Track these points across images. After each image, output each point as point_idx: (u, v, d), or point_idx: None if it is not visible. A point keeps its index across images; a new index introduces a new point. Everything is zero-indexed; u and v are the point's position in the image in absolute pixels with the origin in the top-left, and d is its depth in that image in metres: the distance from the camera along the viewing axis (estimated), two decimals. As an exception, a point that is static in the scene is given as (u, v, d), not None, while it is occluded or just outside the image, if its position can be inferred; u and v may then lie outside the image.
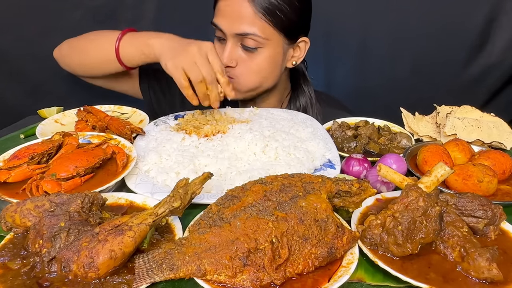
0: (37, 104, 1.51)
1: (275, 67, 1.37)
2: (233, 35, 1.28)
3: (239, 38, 1.28)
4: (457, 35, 1.99)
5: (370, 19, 2.02)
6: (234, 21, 1.26)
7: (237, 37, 1.29)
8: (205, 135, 1.14)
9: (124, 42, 1.30)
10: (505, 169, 1.05)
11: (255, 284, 0.65)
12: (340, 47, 2.09)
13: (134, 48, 1.28)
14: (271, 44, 1.31)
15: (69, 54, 1.46)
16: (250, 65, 1.32)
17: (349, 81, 2.18)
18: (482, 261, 0.69)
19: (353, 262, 0.71)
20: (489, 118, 1.32)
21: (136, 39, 1.29)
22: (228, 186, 0.92)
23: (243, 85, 1.36)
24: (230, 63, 1.31)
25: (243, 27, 1.26)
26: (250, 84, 1.37)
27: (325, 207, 0.73)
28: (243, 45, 1.30)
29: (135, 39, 1.29)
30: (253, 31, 1.26)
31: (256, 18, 1.25)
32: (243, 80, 1.35)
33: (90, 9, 1.89)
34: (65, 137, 1.05)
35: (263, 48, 1.30)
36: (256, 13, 1.24)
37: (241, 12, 1.25)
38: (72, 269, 0.65)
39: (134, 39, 1.29)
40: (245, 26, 1.25)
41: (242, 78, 1.34)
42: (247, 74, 1.34)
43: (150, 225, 0.71)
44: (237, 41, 1.30)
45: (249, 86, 1.37)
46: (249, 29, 1.26)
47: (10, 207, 0.77)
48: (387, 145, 1.23)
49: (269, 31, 1.28)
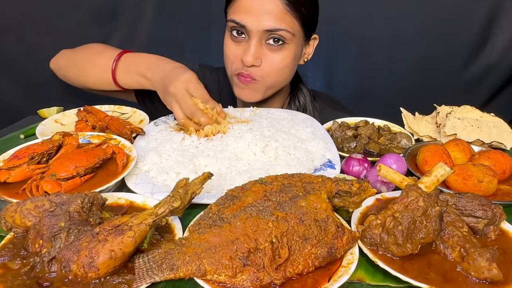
0: (37, 104, 1.51)
1: (295, 64, 1.38)
2: (260, 32, 1.25)
3: (266, 35, 1.26)
4: (457, 35, 1.99)
5: (371, 19, 2.02)
6: (262, 17, 1.24)
7: (263, 34, 1.26)
8: (205, 135, 1.14)
9: (121, 69, 1.32)
10: (505, 169, 1.05)
11: (255, 284, 0.65)
12: (340, 47, 2.09)
13: (132, 79, 1.31)
14: (295, 41, 1.30)
15: (66, 68, 1.46)
16: (275, 62, 1.31)
17: (350, 81, 2.19)
18: (482, 261, 0.69)
19: (353, 262, 0.71)
20: (489, 118, 1.32)
21: (132, 68, 1.31)
22: (228, 186, 0.92)
23: (266, 83, 1.35)
24: (256, 62, 1.29)
25: (274, 23, 1.24)
26: (272, 81, 1.36)
27: (325, 207, 0.73)
28: (267, 43, 1.28)
29: (131, 67, 1.31)
30: (284, 27, 1.24)
31: (285, 14, 1.24)
32: (268, 79, 1.34)
33: (90, 9, 1.89)
34: (65, 137, 1.05)
35: (288, 44, 1.29)
36: (285, 8, 1.24)
37: (270, 8, 1.23)
38: (72, 269, 0.65)
39: (130, 67, 1.32)
40: (275, 21, 1.24)
41: (267, 76, 1.33)
42: (272, 71, 1.33)
43: (150, 225, 0.71)
44: (262, 38, 1.27)
45: (271, 83, 1.36)
46: (279, 24, 1.24)
47: (10, 207, 0.77)
48: (387, 145, 1.23)
49: (296, 27, 1.28)
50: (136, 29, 1.98)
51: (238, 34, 1.30)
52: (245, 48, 1.29)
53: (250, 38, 1.28)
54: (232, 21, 1.28)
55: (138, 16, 1.96)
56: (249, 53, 1.27)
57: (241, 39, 1.30)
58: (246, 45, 1.29)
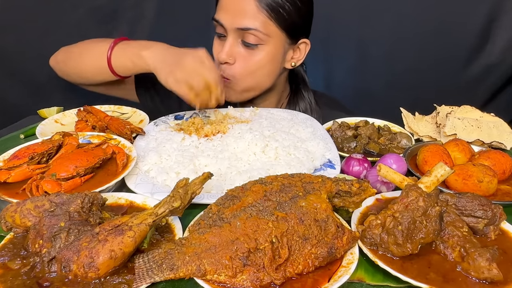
0: (37, 104, 1.51)
1: (274, 66, 1.36)
2: (234, 30, 1.27)
3: (240, 33, 1.27)
4: (457, 35, 1.99)
5: (370, 19, 2.02)
6: (236, 16, 1.25)
7: (238, 33, 1.27)
8: (205, 135, 1.14)
9: (116, 52, 1.29)
10: (505, 169, 1.05)
11: (255, 284, 0.65)
12: (339, 48, 2.09)
13: (126, 58, 1.27)
14: (272, 42, 1.30)
15: (64, 62, 1.45)
16: (249, 62, 1.31)
17: (349, 81, 2.18)
18: (482, 261, 0.69)
19: (353, 262, 0.71)
20: (489, 118, 1.32)
21: (127, 50, 1.28)
22: (228, 186, 0.92)
23: (239, 85, 1.34)
24: (229, 60, 1.30)
25: (245, 21, 1.25)
26: (246, 83, 1.35)
27: (325, 207, 0.73)
28: (243, 41, 1.28)
29: (126, 49, 1.28)
30: (255, 26, 1.25)
31: (259, 13, 1.24)
32: (240, 79, 1.33)
33: (90, 9, 1.89)
34: (65, 137, 1.05)
35: (264, 45, 1.29)
36: (259, 8, 1.24)
37: (244, 7, 1.24)
38: (72, 269, 0.65)
39: (125, 49, 1.28)
40: (247, 20, 1.25)
41: (239, 76, 1.32)
42: (245, 71, 1.32)
43: (150, 225, 0.71)
44: (237, 37, 1.28)
45: (245, 85, 1.35)
46: (251, 23, 1.25)
47: (10, 207, 0.77)
48: (387, 145, 1.23)
49: (271, 28, 1.27)
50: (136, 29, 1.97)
51: (220, 33, 1.33)
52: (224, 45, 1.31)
53: (227, 36, 1.30)
54: (214, 19, 1.32)
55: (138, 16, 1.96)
56: (223, 50, 1.29)
57: (223, 38, 1.32)
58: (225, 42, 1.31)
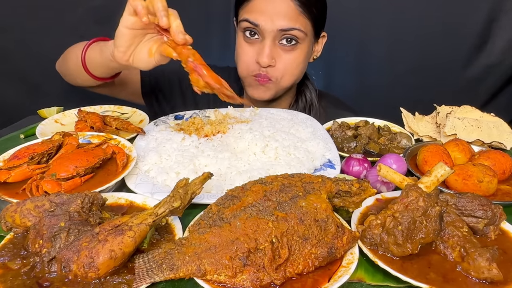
0: (37, 104, 1.51)
1: (307, 63, 1.41)
2: (274, 32, 1.28)
3: (280, 34, 1.29)
4: (457, 35, 2.00)
5: (370, 19, 2.02)
6: (277, 17, 1.26)
7: (278, 34, 1.28)
8: (205, 135, 1.14)
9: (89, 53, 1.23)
10: (505, 169, 1.05)
11: (255, 284, 0.65)
12: (340, 48, 2.09)
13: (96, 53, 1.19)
14: (307, 40, 1.33)
15: (60, 67, 1.46)
16: (290, 62, 1.33)
17: (349, 81, 2.19)
18: (482, 261, 0.69)
19: (353, 262, 0.71)
20: (489, 118, 1.32)
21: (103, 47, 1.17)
22: (228, 186, 0.92)
23: (281, 84, 1.37)
24: (271, 63, 1.31)
25: (288, 22, 1.27)
26: (288, 82, 1.39)
27: (325, 207, 0.73)
28: (281, 43, 1.30)
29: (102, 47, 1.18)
30: (298, 26, 1.27)
31: (298, 14, 1.27)
32: (283, 78, 1.36)
33: (90, 9, 1.90)
34: (65, 137, 1.05)
35: (301, 44, 1.32)
36: (298, 8, 1.27)
37: (284, 8, 1.26)
38: (72, 269, 0.65)
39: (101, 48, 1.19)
40: (290, 21, 1.27)
41: (282, 76, 1.35)
42: (287, 71, 1.35)
43: (150, 225, 0.71)
44: (275, 39, 1.30)
45: (287, 84, 1.39)
46: (293, 24, 1.27)
47: (10, 207, 0.77)
48: (387, 145, 1.23)
49: (308, 27, 1.31)
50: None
51: (251, 35, 1.32)
52: (259, 48, 1.31)
53: (264, 38, 1.29)
54: (246, 20, 1.30)
55: (138, 16, 1.96)
56: (264, 54, 1.29)
57: (254, 40, 1.32)
58: (260, 45, 1.31)
